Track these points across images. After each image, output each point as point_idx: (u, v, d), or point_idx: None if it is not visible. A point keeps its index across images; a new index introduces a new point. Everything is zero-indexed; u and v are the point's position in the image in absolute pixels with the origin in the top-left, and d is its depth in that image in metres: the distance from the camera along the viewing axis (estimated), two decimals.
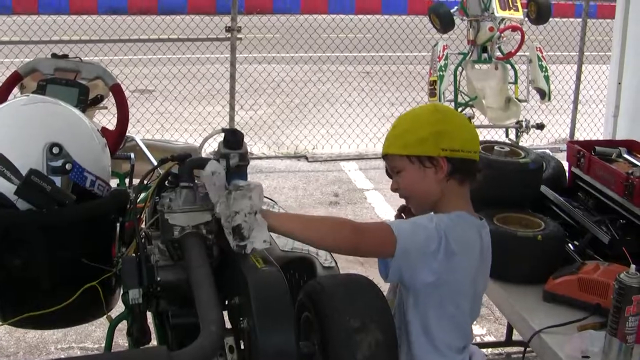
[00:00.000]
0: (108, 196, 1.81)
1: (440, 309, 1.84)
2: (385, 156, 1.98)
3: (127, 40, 7.87)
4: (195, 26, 8.03)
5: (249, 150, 6.68)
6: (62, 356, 3.71)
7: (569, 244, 2.53)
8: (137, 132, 7.27)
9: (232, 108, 7.33)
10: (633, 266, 1.88)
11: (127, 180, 2.50)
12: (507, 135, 7.33)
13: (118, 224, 1.83)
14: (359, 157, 7.35)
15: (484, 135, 7.69)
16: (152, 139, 3.13)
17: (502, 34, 6.91)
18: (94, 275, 1.76)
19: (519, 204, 2.61)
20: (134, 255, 1.76)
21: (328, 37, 9.94)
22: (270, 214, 1.76)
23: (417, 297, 1.83)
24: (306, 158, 7.29)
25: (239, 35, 7.16)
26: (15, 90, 2.48)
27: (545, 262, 2.37)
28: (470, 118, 7.01)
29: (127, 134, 3.03)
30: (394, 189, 1.97)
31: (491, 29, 6.81)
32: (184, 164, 1.80)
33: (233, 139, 1.84)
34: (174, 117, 7.62)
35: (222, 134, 1.87)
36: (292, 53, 9.87)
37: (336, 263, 2.04)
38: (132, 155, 2.66)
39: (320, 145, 7.52)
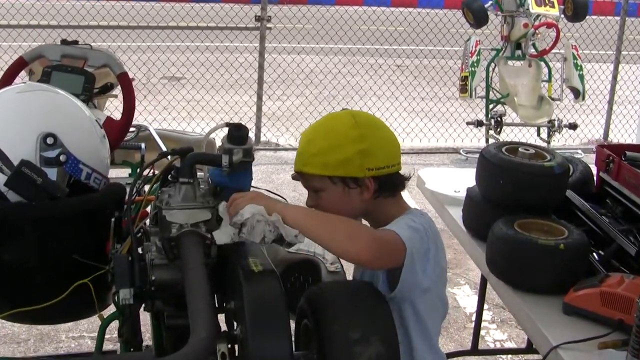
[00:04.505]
0: (103, 190, 1.74)
1: (436, 306, 1.83)
2: (300, 173, 1.85)
3: (156, 27, 7.87)
4: (224, 14, 7.97)
5: (275, 141, 6.58)
6: (72, 345, 3.68)
7: (594, 253, 2.41)
8: (163, 119, 7.26)
9: (259, 98, 7.29)
10: None
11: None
12: (538, 135, 7.20)
13: (113, 220, 1.75)
14: None
15: (515, 133, 7.56)
16: (166, 129, 3.06)
17: (537, 31, 6.81)
18: (88, 272, 1.69)
19: (542, 210, 2.49)
20: (128, 253, 1.68)
21: (359, 29, 9.83)
22: (282, 206, 1.65)
23: (415, 306, 1.76)
24: None
25: (268, 25, 7.11)
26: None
27: (567, 272, 2.24)
28: (501, 116, 6.91)
29: (142, 123, 2.98)
30: (310, 206, 1.85)
31: (526, 25, 6.71)
32: (184, 159, 1.72)
33: (237, 133, 1.74)
34: (200, 105, 7.59)
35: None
36: (323, 44, 9.78)
37: (343, 268, 1.94)
38: (143, 145, 2.60)
39: None
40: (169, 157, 1.83)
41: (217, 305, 1.76)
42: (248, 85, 7.93)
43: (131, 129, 2.89)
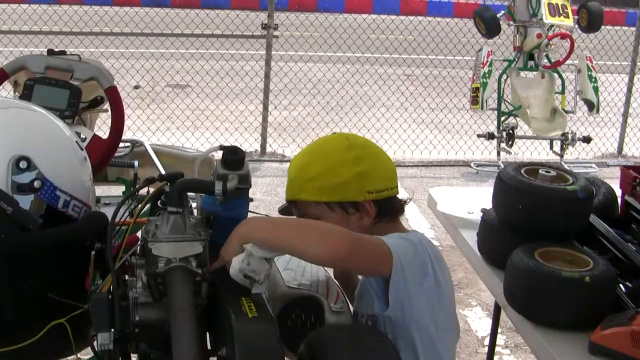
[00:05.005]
0: (82, 220, 1.56)
1: (447, 328, 1.69)
2: (293, 202, 1.74)
3: (161, 34, 7.72)
4: (230, 22, 7.82)
5: (281, 152, 6.40)
6: None
7: (620, 284, 2.22)
8: (167, 128, 7.10)
9: (265, 108, 7.13)
10: None
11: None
12: (551, 148, 7.03)
13: (93, 252, 1.57)
14: (396, 164, 7.04)
15: (527, 146, 7.37)
16: (162, 145, 2.90)
17: (551, 41, 6.65)
18: (65, 309, 1.52)
19: (564, 236, 2.31)
20: (109, 291, 1.51)
21: (367, 37, 9.68)
22: (250, 231, 1.52)
23: (424, 329, 1.61)
24: None
25: (275, 33, 6.96)
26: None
27: (593, 307, 2.05)
28: (513, 128, 6.74)
29: (137, 138, 2.83)
30: None
31: (539, 36, 6.56)
32: (173, 186, 1.55)
33: (232, 158, 1.57)
34: (205, 114, 7.42)
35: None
36: (331, 53, 9.63)
37: (349, 307, 1.76)
38: (136, 163, 2.45)
39: None
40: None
41: (209, 347, 1.59)
42: (254, 95, 7.78)
43: (126, 145, 2.73)
